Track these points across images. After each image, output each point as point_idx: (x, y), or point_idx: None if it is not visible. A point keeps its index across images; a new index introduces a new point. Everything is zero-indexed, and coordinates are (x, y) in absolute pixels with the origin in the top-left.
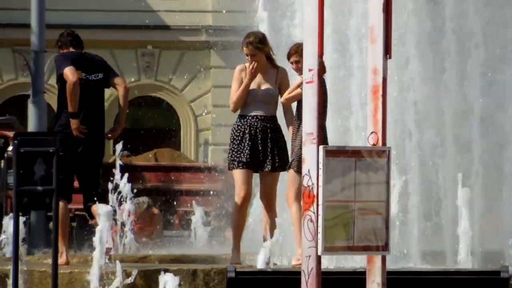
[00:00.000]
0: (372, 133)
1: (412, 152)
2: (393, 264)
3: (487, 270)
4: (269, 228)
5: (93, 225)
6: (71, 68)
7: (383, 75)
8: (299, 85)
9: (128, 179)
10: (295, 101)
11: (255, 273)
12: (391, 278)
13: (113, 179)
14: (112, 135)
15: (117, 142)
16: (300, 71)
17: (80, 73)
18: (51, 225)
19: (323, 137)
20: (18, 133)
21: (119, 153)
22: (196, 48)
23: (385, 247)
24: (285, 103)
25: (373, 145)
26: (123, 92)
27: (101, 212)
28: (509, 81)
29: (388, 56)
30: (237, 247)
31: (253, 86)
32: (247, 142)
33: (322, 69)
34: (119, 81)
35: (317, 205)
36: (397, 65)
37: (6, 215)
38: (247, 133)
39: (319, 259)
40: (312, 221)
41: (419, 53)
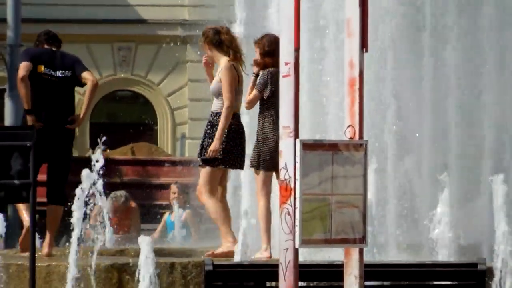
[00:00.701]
0: (349, 126)
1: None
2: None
3: (464, 262)
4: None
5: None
6: (24, 63)
7: (360, 68)
8: (254, 85)
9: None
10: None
11: (232, 266)
12: (369, 270)
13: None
14: (71, 126)
15: (98, 136)
16: (256, 64)
17: (41, 68)
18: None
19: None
20: None
21: (98, 147)
22: (172, 42)
23: (362, 240)
24: (248, 108)
25: (350, 138)
26: (90, 85)
27: (75, 207)
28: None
29: (364, 49)
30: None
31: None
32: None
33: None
34: (87, 75)
35: (295, 198)
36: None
37: None
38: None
39: (296, 252)
40: (289, 214)
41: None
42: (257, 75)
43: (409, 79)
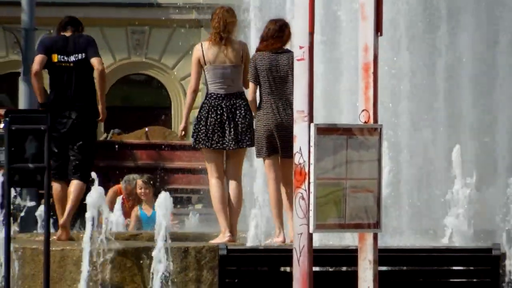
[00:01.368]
0: (363, 110)
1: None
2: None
3: (478, 247)
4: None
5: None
6: (37, 57)
7: (374, 52)
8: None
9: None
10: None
11: (246, 250)
12: (383, 255)
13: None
14: (99, 120)
15: (112, 120)
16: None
17: (55, 57)
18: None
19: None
20: (9, 110)
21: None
22: (186, 26)
23: (377, 225)
24: (251, 99)
25: (365, 122)
26: (97, 75)
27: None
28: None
29: (379, 33)
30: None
31: None
32: None
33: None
34: (95, 62)
35: (309, 183)
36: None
37: None
38: None
39: (310, 237)
40: (303, 199)
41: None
42: None
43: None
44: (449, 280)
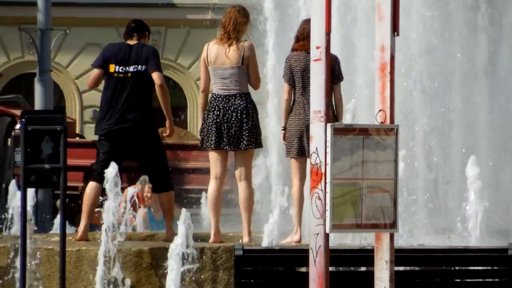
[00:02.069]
0: (380, 111)
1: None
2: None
3: (495, 247)
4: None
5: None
6: (94, 71)
7: (391, 52)
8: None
9: None
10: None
11: (262, 251)
12: (399, 255)
13: None
14: (167, 136)
15: None
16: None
17: (112, 67)
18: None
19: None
20: (25, 111)
21: None
22: (202, 26)
23: (393, 225)
24: (286, 101)
25: (381, 123)
26: (157, 90)
27: (109, 191)
28: None
29: (396, 33)
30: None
31: None
32: None
33: (329, 47)
34: (155, 76)
35: (325, 183)
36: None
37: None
38: None
39: (327, 237)
40: (320, 199)
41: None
42: None
43: None
44: (465, 280)
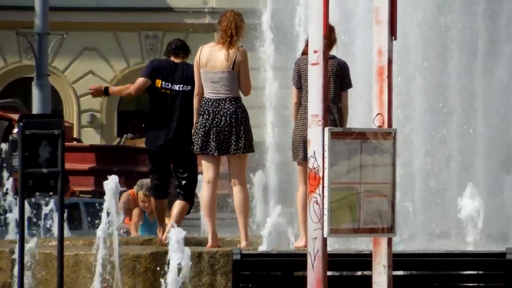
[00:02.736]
0: (377, 114)
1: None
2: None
3: (492, 252)
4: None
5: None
6: (141, 79)
7: (389, 56)
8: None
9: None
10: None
11: (260, 255)
12: (397, 260)
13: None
14: None
15: (126, 125)
16: None
17: (159, 83)
18: None
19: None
20: (23, 115)
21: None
22: (199, 30)
23: (391, 229)
24: (294, 105)
25: (379, 127)
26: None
27: (107, 190)
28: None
29: (393, 37)
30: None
31: None
32: None
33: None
34: None
35: (323, 187)
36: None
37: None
38: None
39: (325, 241)
40: (318, 203)
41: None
42: None
43: None
44: (462, 284)
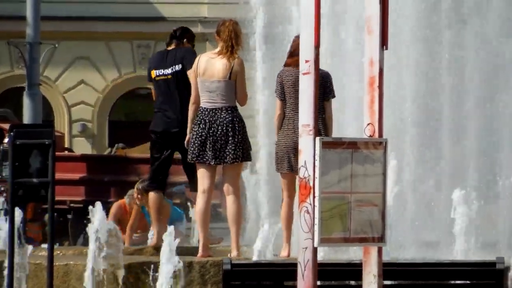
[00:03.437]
0: (368, 124)
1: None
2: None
3: (482, 261)
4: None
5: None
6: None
7: (380, 66)
8: None
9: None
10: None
11: (251, 265)
12: (387, 269)
13: None
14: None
15: (116, 134)
16: None
17: (153, 73)
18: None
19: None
20: (14, 125)
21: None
22: None
23: (381, 239)
24: (278, 118)
25: (370, 136)
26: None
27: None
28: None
29: (384, 47)
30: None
31: None
32: None
33: (318, 60)
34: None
35: (314, 197)
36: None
37: None
38: None
39: (315, 251)
40: (308, 213)
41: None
42: None
43: None
44: None
